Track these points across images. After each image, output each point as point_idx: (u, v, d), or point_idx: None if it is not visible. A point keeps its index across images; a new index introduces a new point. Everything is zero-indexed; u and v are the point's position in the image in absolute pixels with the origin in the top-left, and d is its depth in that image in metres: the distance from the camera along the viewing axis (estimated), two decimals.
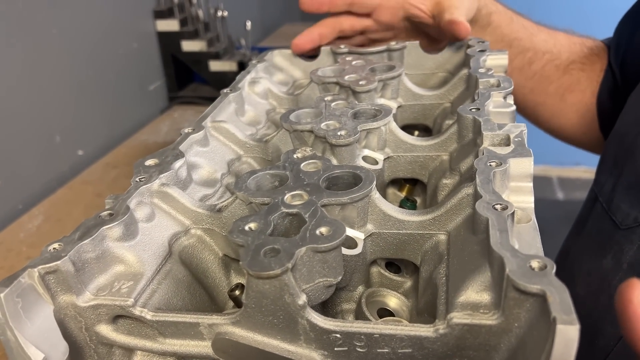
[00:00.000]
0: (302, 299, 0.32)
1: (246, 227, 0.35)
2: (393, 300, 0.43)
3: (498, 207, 0.34)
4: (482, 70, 0.55)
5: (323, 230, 0.34)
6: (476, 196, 0.36)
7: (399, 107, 0.60)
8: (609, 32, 0.85)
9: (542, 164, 3.03)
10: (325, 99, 0.53)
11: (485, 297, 0.31)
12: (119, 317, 0.37)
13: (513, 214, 0.34)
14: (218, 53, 1.53)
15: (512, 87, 0.51)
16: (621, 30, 0.81)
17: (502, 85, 0.52)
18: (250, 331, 0.34)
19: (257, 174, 0.42)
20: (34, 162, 1.17)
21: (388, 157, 0.51)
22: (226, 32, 1.59)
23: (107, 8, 1.37)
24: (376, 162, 0.49)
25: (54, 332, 0.35)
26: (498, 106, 0.49)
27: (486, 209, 0.34)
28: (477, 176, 0.37)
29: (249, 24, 1.57)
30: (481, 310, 0.31)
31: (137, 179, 0.43)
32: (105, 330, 0.37)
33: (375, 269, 0.46)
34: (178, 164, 0.45)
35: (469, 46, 0.64)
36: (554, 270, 0.28)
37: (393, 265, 0.47)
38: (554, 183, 3.08)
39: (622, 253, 0.65)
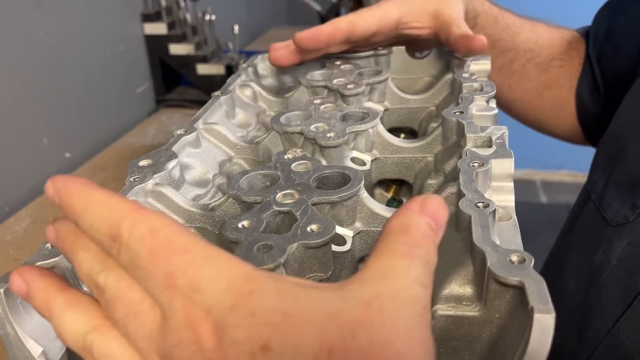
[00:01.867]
0: None
1: (239, 225, 0.36)
2: None
3: (480, 205, 0.36)
4: (465, 75, 0.57)
5: (314, 227, 0.35)
6: (459, 195, 0.38)
7: (385, 110, 0.62)
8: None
9: (525, 167, 3.08)
10: (315, 102, 0.55)
11: (468, 290, 0.33)
12: None
13: (494, 211, 0.36)
14: (205, 56, 1.54)
15: (495, 91, 0.53)
16: (599, 21, 0.82)
17: (485, 89, 0.54)
18: None
19: (249, 174, 0.43)
20: (21, 164, 1.17)
21: (375, 159, 0.52)
22: (214, 36, 1.60)
23: (94, 11, 1.37)
24: (364, 163, 0.50)
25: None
26: (481, 109, 0.51)
27: (469, 207, 0.36)
28: (460, 176, 0.39)
29: (236, 27, 1.58)
30: (464, 303, 0.33)
31: (132, 179, 0.44)
32: None
33: (362, 266, 0.47)
34: (171, 164, 0.46)
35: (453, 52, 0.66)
36: (532, 264, 0.30)
37: None
38: (538, 186, 3.13)
39: (611, 249, 0.67)
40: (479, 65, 0.61)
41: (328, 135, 0.48)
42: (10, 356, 0.34)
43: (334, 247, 0.40)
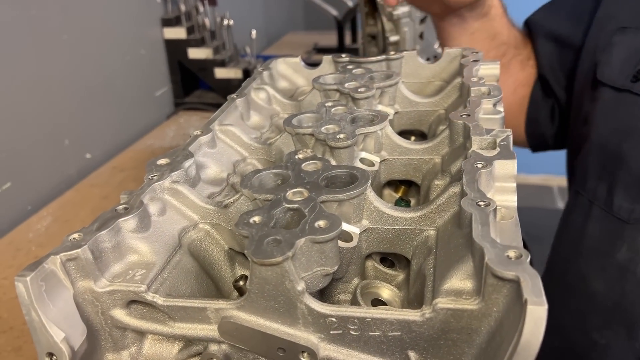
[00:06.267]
0: (301, 285, 0.35)
1: (251, 220, 0.38)
2: (386, 292, 0.46)
3: (481, 203, 0.37)
4: (474, 79, 0.58)
5: (321, 223, 0.37)
6: (462, 194, 0.39)
7: (395, 113, 0.64)
8: None
9: (542, 173, 3.06)
10: (326, 104, 0.57)
11: (467, 285, 0.34)
12: (132, 302, 0.40)
13: (495, 210, 0.37)
14: (223, 61, 1.57)
15: (502, 95, 0.54)
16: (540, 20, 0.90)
17: (492, 93, 0.55)
18: (254, 315, 0.37)
19: (261, 173, 0.45)
20: (43, 164, 1.21)
21: (384, 160, 0.54)
22: (232, 41, 1.63)
23: (116, 16, 1.41)
24: (373, 164, 0.52)
25: (74, 315, 0.38)
26: (488, 113, 0.52)
27: (470, 205, 0.37)
28: (464, 176, 0.41)
29: (254, 32, 1.61)
30: (464, 297, 0.34)
31: (150, 177, 0.46)
32: (120, 314, 0.40)
33: (370, 263, 0.49)
34: (187, 163, 0.48)
35: (463, 56, 0.67)
36: (529, 259, 0.31)
37: (387, 260, 0.50)
38: (555, 192, 3.11)
39: (637, 243, 0.72)
40: (488, 70, 0.63)
41: (338, 136, 0.49)
42: (34, 341, 0.36)
43: (341, 244, 0.42)
